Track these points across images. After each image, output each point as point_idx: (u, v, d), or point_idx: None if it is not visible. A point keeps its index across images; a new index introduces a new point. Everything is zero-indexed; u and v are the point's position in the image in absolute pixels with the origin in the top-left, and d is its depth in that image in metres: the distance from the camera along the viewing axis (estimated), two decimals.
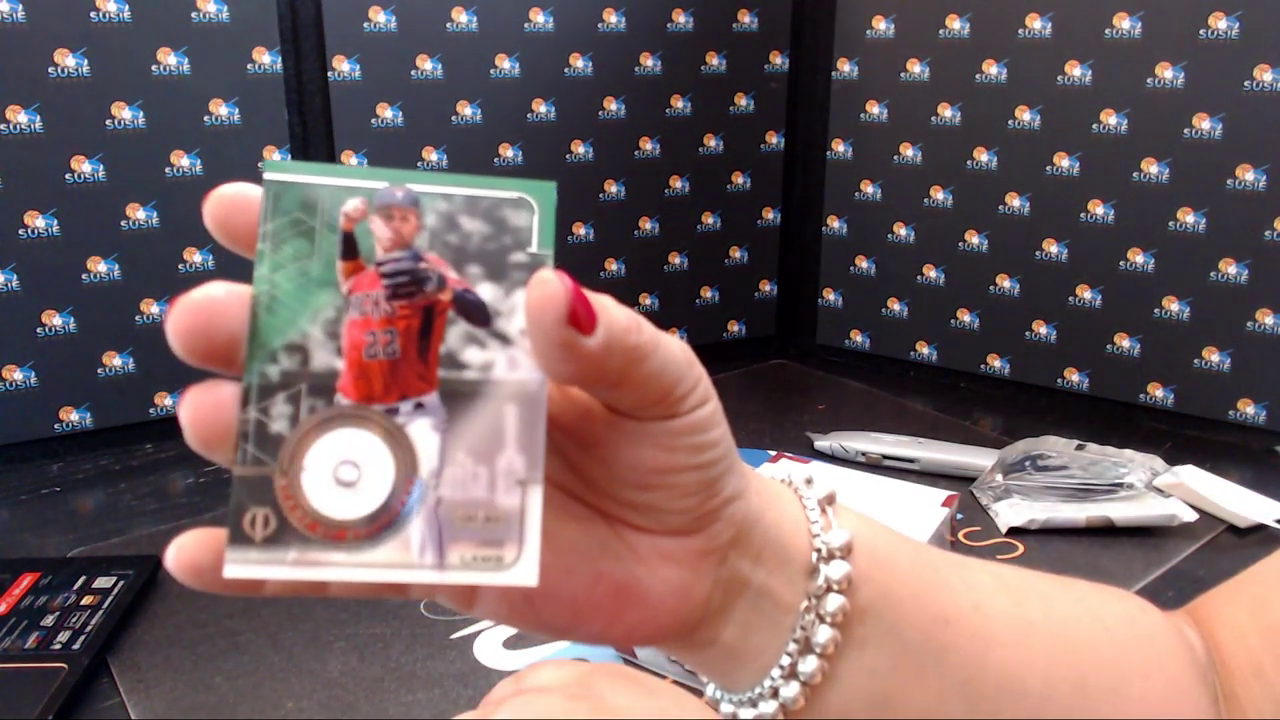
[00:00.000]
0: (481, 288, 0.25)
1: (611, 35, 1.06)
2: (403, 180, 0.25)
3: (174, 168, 0.92)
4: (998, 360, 1.09)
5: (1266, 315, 0.92)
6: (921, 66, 1.06)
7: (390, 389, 0.25)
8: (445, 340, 0.25)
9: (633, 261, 1.14)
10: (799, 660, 0.29)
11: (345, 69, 0.96)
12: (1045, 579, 0.35)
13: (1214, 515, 0.79)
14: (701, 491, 0.27)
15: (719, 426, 0.27)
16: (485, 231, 0.25)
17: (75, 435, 0.94)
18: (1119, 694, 0.33)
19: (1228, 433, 0.96)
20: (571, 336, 0.23)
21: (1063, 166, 1.00)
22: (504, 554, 0.24)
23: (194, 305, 0.24)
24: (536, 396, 0.25)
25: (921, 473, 0.88)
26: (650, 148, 1.11)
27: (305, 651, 0.64)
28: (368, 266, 0.25)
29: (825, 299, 1.19)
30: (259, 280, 0.24)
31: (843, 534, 0.30)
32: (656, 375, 0.25)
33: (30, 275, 0.88)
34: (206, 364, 0.24)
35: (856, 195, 1.14)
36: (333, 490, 0.24)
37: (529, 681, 0.41)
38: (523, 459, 0.25)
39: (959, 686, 0.31)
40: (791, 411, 1.04)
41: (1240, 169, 0.91)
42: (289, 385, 0.24)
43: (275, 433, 0.24)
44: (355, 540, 0.24)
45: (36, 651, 0.61)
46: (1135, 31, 0.94)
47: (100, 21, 0.86)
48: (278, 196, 0.25)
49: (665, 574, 0.28)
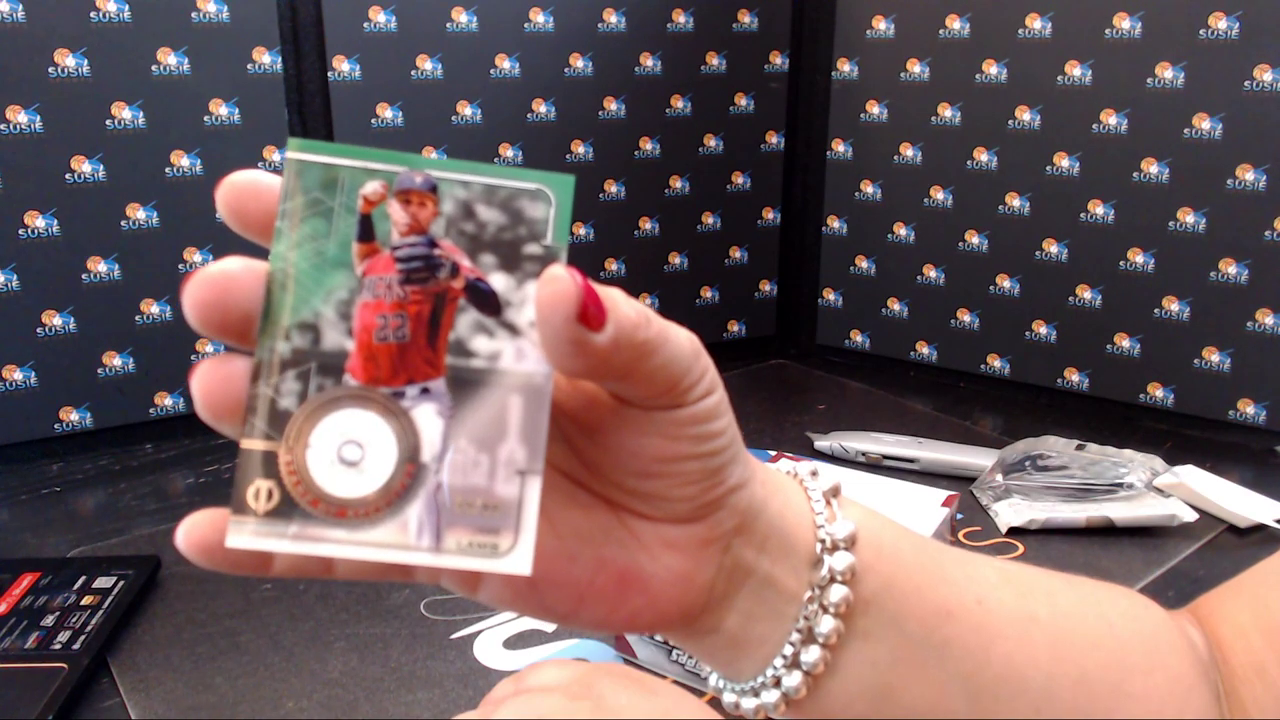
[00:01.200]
0: (494, 277, 0.25)
1: (611, 35, 1.06)
2: (424, 166, 0.25)
3: (174, 168, 0.92)
4: (998, 360, 1.09)
5: (1266, 315, 0.92)
6: (921, 66, 1.07)
7: (398, 372, 0.25)
8: (455, 328, 0.25)
9: (633, 261, 1.14)
10: (802, 650, 0.29)
11: (345, 69, 0.96)
12: (1049, 575, 0.35)
13: (1214, 515, 0.79)
14: (705, 480, 0.27)
15: (724, 416, 0.27)
16: (501, 221, 0.25)
17: (75, 435, 0.93)
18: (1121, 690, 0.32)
19: (1228, 433, 0.96)
20: (581, 333, 0.23)
21: (1063, 166, 1.00)
22: (500, 542, 0.25)
23: (210, 279, 0.24)
24: (542, 389, 0.25)
25: (921, 473, 0.88)
26: (650, 148, 1.11)
27: (305, 651, 0.64)
28: (383, 250, 0.25)
29: (825, 299, 1.19)
30: (275, 257, 0.25)
31: (847, 525, 0.30)
32: (664, 368, 0.25)
33: (30, 275, 0.88)
34: (220, 337, 0.24)
35: (856, 195, 1.14)
36: (336, 468, 0.25)
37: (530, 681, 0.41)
38: (524, 449, 0.25)
39: (960, 680, 0.31)
40: (791, 411, 1.04)
41: (1240, 169, 0.91)
42: (299, 363, 0.25)
43: (283, 409, 0.25)
44: (355, 519, 0.25)
45: (36, 651, 0.61)
46: (1135, 31, 0.94)
47: (100, 21, 0.86)
48: (299, 175, 0.25)
49: (668, 561, 0.28)
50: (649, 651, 0.61)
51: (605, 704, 0.38)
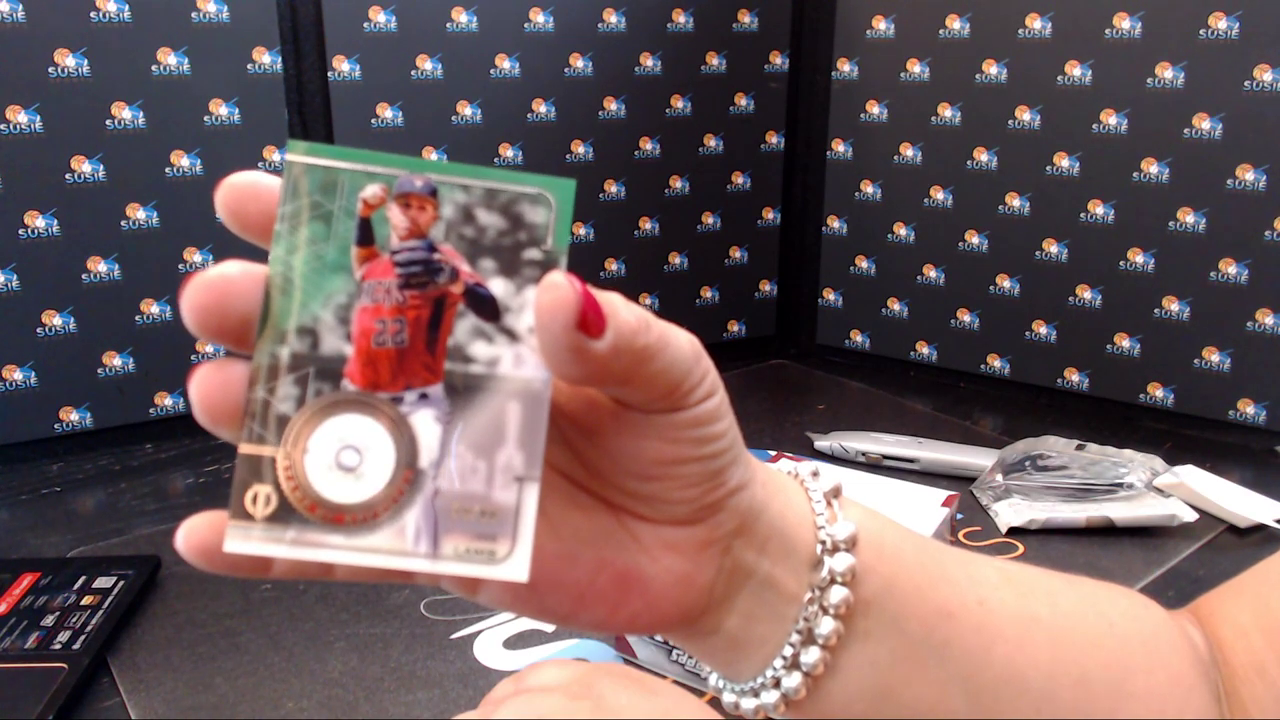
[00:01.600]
0: (493, 282, 0.25)
1: (611, 35, 1.06)
2: (424, 169, 0.25)
3: (174, 168, 0.92)
4: (998, 360, 1.09)
5: (1266, 315, 0.92)
6: (921, 66, 1.07)
7: (396, 378, 0.25)
8: (454, 333, 0.25)
9: (633, 261, 1.14)
10: (801, 651, 0.29)
11: (345, 69, 0.96)
12: (1050, 575, 0.35)
13: (1214, 515, 0.79)
14: (706, 482, 0.27)
15: (725, 419, 0.27)
16: (501, 226, 0.25)
17: (75, 435, 0.93)
18: (1121, 690, 0.32)
19: (1228, 433, 0.96)
20: (580, 341, 0.23)
21: (1063, 166, 1.00)
22: (497, 548, 0.25)
23: (208, 283, 0.24)
24: (540, 395, 0.25)
25: (921, 473, 0.88)
26: (650, 148, 1.11)
27: (305, 651, 0.64)
28: (382, 254, 0.25)
29: (825, 299, 1.19)
30: (274, 261, 0.25)
31: (848, 526, 0.30)
32: (664, 372, 0.25)
33: (30, 275, 0.88)
34: (218, 341, 0.24)
35: (856, 195, 1.14)
36: (334, 474, 0.25)
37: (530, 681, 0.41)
38: (522, 456, 0.25)
39: (961, 680, 0.31)
40: (791, 411, 1.04)
41: (1240, 169, 0.91)
42: (298, 367, 0.25)
43: (281, 413, 0.24)
44: (353, 524, 0.25)
45: (36, 651, 0.61)
46: (1135, 31, 0.94)
47: (100, 21, 0.86)
48: (298, 178, 0.25)
49: (668, 563, 0.28)
50: (649, 651, 0.61)
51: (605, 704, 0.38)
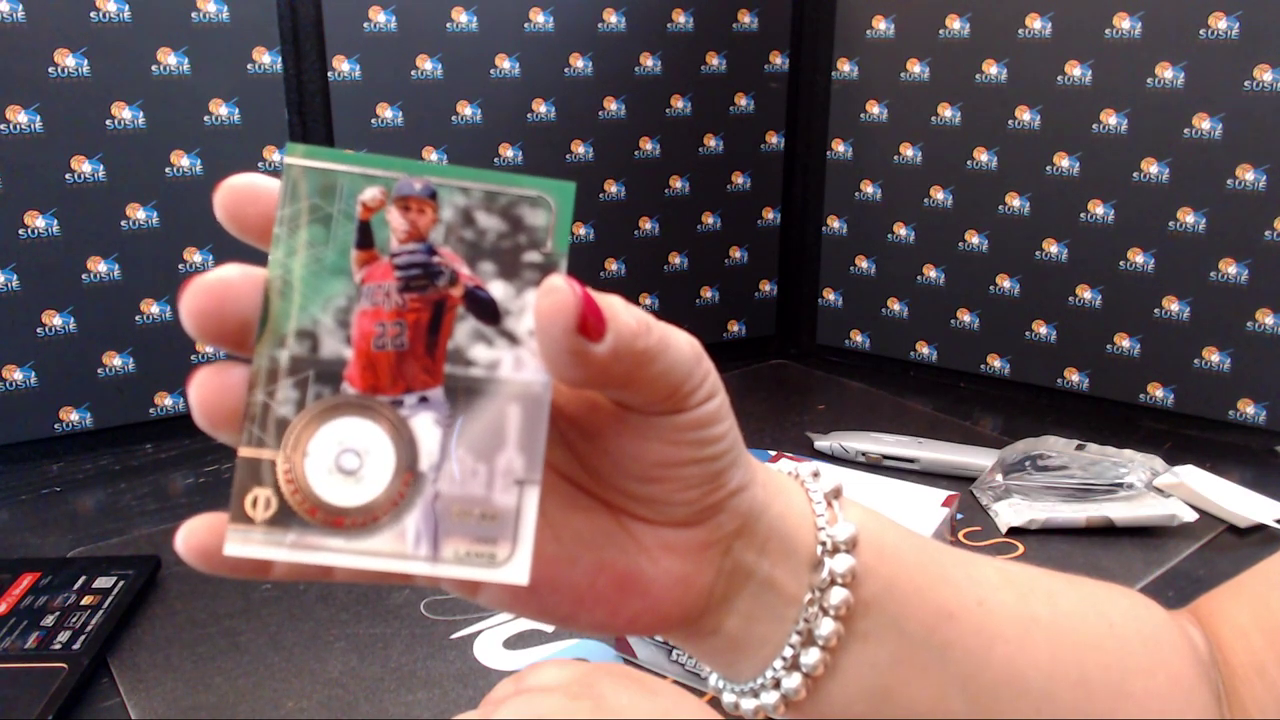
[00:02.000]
0: (493, 285, 0.25)
1: (611, 35, 1.06)
2: (423, 171, 0.25)
3: (174, 168, 0.92)
4: (998, 360, 1.09)
5: (1266, 315, 0.92)
6: (921, 66, 1.07)
7: (396, 381, 0.25)
8: (454, 336, 0.25)
9: (633, 261, 1.14)
10: (801, 652, 0.29)
11: (345, 69, 0.96)
12: (1050, 575, 0.35)
13: (1214, 515, 0.79)
14: (706, 484, 0.27)
15: (725, 420, 0.27)
16: (501, 229, 0.25)
17: (75, 435, 0.93)
18: (1121, 691, 0.32)
19: (1228, 433, 0.96)
20: (580, 344, 0.23)
21: (1063, 166, 1.00)
22: (497, 551, 0.25)
23: (207, 286, 0.24)
24: (540, 398, 0.25)
25: (921, 473, 0.88)
26: (650, 148, 1.11)
27: (305, 651, 0.64)
28: (382, 257, 0.25)
29: (825, 299, 1.19)
30: (273, 264, 0.25)
31: (848, 527, 0.30)
32: (664, 375, 0.25)
33: (30, 275, 0.88)
34: (218, 344, 0.24)
35: (856, 195, 1.14)
36: (334, 477, 0.25)
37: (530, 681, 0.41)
38: (522, 459, 0.25)
39: (961, 681, 0.31)
40: (791, 411, 1.04)
41: (1240, 169, 0.91)
42: (297, 371, 0.25)
43: (281, 417, 0.24)
44: (353, 527, 0.25)
45: (36, 651, 0.61)
46: (1135, 31, 0.94)
47: (100, 21, 0.86)
48: (297, 181, 0.25)
49: (668, 564, 0.28)
50: (649, 652, 0.61)
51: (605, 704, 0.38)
